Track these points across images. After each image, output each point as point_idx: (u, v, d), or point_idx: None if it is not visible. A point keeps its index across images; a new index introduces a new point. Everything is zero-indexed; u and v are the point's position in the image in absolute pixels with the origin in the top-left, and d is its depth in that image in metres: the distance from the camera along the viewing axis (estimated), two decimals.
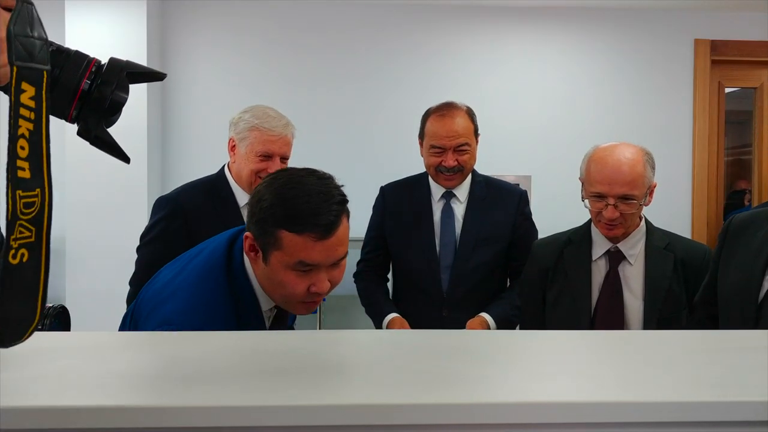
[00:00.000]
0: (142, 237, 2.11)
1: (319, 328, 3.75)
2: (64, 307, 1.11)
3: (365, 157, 4.16)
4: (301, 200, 1.25)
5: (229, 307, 1.33)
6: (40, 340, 1.03)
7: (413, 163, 2.52)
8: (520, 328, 2.06)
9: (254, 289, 1.36)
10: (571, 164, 1.98)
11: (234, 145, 2.08)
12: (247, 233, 1.32)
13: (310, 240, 1.25)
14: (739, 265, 1.64)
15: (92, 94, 0.84)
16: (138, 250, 2.11)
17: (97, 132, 0.85)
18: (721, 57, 4.31)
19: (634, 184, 1.82)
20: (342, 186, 1.35)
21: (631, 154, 1.85)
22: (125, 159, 0.88)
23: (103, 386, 0.79)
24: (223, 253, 1.38)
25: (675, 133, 4.31)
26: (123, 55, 0.95)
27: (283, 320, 1.48)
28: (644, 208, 1.91)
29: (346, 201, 1.31)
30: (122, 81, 0.85)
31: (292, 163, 2.07)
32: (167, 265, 1.50)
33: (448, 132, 2.20)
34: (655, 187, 1.90)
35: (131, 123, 3.76)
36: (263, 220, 1.27)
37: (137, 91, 4.28)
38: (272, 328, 1.44)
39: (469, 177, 2.32)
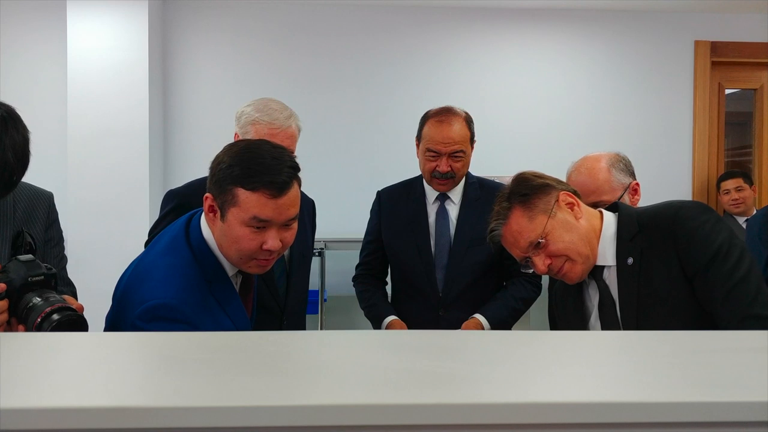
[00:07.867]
0: (151, 231, 2.13)
1: (321, 329, 3.75)
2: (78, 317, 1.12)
3: (364, 160, 4.16)
4: (257, 162, 1.39)
5: (198, 272, 1.43)
6: (40, 340, 1.03)
7: (412, 166, 2.52)
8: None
9: (215, 253, 1.46)
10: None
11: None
12: (207, 194, 1.45)
13: (263, 197, 1.37)
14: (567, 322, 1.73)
15: None
16: (146, 244, 2.12)
17: None
18: (721, 58, 4.32)
19: (600, 192, 1.93)
20: (295, 157, 1.47)
21: (590, 163, 1.96)
22: None
23: (102, 386, 0.80)
24: (181, 230, 1.49)
25: (675, 134, 4.31)
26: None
27: (249, 286, 1.56)
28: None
29: (298, 168, 1.44)
30: None
31: None
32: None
33: (444, 138, 2.22)
34: (633, 185, 1.97)
35: (133, 123, 3.76)
36: (222, 180, 1.40)
37: (139, 92, 4.28)
38: (241, 293, 1.53)
39: (463, 179, 2.34)
